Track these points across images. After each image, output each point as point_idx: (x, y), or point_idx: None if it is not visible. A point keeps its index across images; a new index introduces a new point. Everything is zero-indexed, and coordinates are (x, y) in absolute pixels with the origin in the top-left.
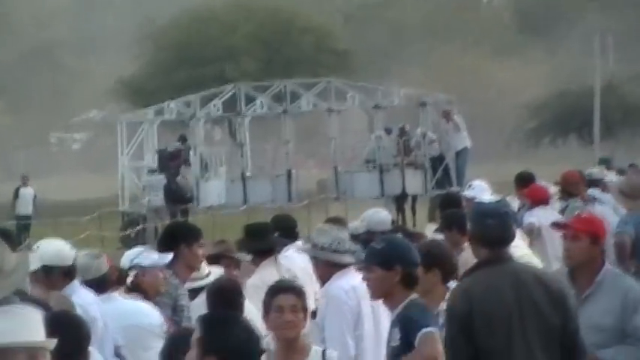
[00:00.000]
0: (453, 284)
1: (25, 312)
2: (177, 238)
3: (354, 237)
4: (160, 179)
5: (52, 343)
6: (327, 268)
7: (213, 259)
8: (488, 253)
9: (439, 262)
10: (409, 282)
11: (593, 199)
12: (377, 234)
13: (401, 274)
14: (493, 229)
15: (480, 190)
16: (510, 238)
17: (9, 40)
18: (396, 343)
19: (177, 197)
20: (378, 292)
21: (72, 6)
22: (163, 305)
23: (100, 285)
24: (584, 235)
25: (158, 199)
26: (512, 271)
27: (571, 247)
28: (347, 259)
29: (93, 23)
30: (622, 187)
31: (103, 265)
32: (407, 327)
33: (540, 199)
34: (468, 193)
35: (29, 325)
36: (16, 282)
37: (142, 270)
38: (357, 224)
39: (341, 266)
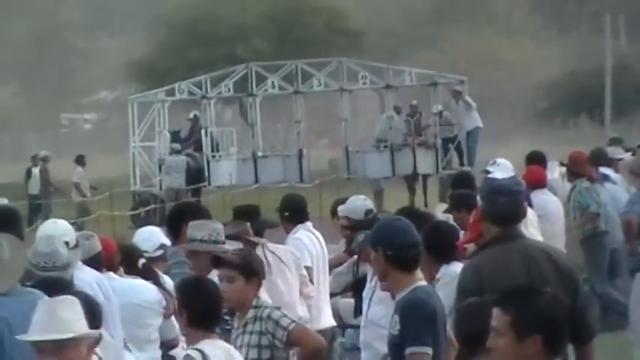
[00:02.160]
0: (453, 267)
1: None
2: (183, 217)
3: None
4: (183, 160)
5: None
6: (207, 260)
7: (229, 240)
8: (499, 231)
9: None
10: (398, 263)
11: (604, 178)
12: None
13: (383, 255)
14: (504, 207)
15: (504, 169)
16: (521, 215)
17: (20, 21)
18: (395, 332)
19: (198, 177)
20: (378, 273)
21: None
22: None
23: (92, 265)
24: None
25: (180, 180)
26: (523, 248)
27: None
28: (226, 248)
29: (104, 3)
30: (632, 167)
31: (95, 245)
32: (405, 316)
33: (536, 182)
34: (491, 168)
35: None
36: (17, 271)
37: (165, 249)
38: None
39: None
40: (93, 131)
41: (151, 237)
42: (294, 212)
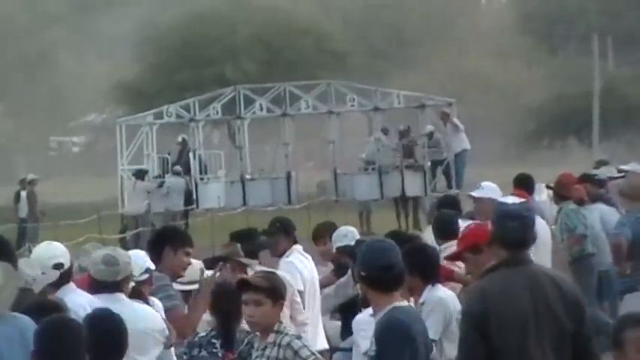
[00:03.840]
0: (436, 291)
1: None
2: (163, 241)
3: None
4: (182, 182)
5: None
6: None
7: (219, 262)
8: (507, 255)
9: None
10: (372, 284)
11: (597, 199)
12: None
13: (362, 276)
14: (514, 232)
15: (490, 191)
16: (531, 240)
17: (8, 43)
18: (372, 353)
19: (187, 200)
20: (361, 294)
21: (71, 8)
22: (174, 297)
23: (112, 289)
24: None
25: (179, 202)
26: (530, 273)
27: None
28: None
29: (92, 25)
30: (623, 188)
31: (114, 272)
32: (381, 337)
33: None
34: (476, 193)
35: None
36: (8, 298)
37: (151, 273)
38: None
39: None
40: (81, 154)
41: (137, 261)
42: (283, 234)
